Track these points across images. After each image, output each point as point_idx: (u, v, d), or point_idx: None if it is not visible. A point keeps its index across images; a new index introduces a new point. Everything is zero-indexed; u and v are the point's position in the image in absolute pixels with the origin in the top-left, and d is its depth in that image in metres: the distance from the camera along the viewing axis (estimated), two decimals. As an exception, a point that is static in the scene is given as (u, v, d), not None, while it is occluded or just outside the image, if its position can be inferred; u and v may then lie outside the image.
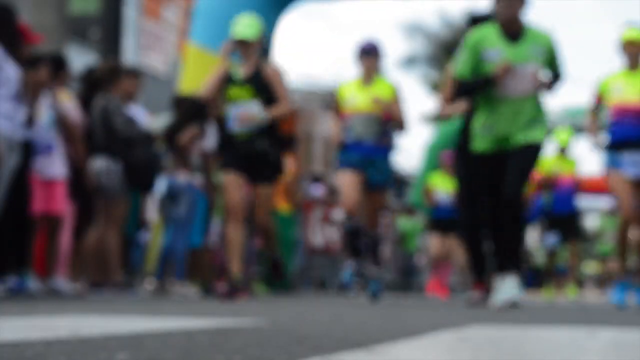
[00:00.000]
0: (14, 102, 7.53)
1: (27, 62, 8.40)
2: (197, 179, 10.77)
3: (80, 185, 9.41)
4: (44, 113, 8.96)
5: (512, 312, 6.18)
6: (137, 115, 10.09)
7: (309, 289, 17.13)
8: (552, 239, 14.95)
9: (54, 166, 9.06)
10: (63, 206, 9.15)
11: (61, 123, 9.06)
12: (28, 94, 7.89)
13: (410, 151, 64.25)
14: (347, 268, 18.68)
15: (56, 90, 9.11)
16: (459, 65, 7.76)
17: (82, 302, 6.77)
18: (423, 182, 28.57)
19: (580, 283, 27.22)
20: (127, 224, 10.29)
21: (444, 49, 44.49)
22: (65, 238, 9.34)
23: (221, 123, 9.12)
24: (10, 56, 7.50)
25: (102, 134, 9.53)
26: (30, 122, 8.14)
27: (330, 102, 9.44)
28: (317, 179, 18.90)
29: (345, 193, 9.33)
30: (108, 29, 15.24)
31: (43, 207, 8.94)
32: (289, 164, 13.87)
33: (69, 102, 9.44)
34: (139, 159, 9.54)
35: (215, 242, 11.66)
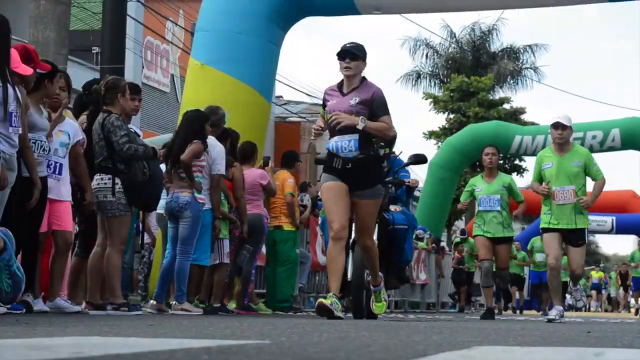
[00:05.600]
0: (12, 121, 7.50)
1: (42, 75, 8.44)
2: (200, 196, 10.71)
3: (81, 204, 9.40)
4: (61, 134, 9.02)
5: (518, 333, 6.14)
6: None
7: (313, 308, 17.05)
8: None
9: (66, 186, 9.07)
10: (71, 224, 9.17)
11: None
12: (24, 113, 7.88)
13: (414, 168, 64.16)
14: None
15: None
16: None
17: (84, 322, 6.73)
18: (425, 200, 28.60)
19: None
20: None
21: (449, 64, 44.49)
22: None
23: None
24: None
25: (103, 151, 9.50)
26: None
27: None
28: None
29: None
30: (110, 45, 15.24)
31: (55, 226, 8.94)
32: (291, 180, 13.83)
33: (72, 120, 9.45)
34: (141, 176, 9.50)
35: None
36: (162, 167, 10.60)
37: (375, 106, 9.09)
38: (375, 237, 10.16)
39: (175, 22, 31.14)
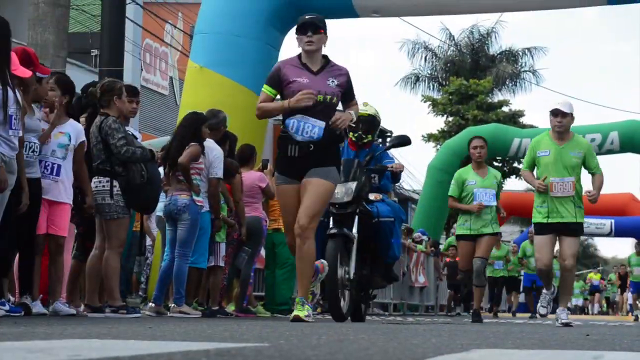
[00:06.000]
0: (12, 124, 7.52)
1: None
2: (199, 199, 10.70)
3: (82, 207, 9.39)
4: (61, 135, 9.01)
5: (517, 336, 6.14)
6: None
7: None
8: None
9: (66, 188, 9.06)
10: (67, 228, 9.16)
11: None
12: (22, 116, 7.89)
13: (412, 171, 64.07)
14: None
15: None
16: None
17: (82, 324, 6.73)
18: (424, 203, 28.61)
19: None
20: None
21: (448, 67, 44.48)
22: (65, 260, 9.32)
23: None
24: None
25: (100, 154, 9.50)
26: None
27: None
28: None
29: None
30: (109, 47, 15.24)
31: (49, 229, 8.93)
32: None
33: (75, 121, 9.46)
34: (139, 178, 9.50)
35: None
36: (161, 170, 10.59)
37: (348, 91, 8.60)
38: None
39: (174, 25, 31.14)
